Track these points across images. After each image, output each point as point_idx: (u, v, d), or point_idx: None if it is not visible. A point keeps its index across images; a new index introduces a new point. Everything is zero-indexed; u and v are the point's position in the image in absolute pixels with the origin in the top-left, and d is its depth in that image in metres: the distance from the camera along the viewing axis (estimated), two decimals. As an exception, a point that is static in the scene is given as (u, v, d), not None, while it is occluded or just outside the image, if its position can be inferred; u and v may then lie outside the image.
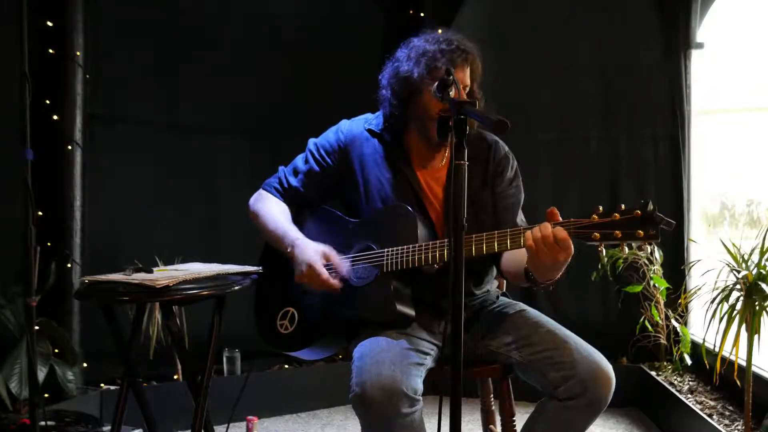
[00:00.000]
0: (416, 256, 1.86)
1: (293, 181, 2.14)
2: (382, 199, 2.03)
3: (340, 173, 2.10)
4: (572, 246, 1.65)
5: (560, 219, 1.68)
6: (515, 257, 1.89)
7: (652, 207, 1.60)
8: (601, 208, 1.65)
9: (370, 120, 2.12)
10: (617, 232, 1.62)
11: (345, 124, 2.15)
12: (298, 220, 2.11)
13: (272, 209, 2.10)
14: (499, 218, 2.03)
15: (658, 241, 1.63)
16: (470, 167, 2.00)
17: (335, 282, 1.91)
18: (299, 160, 2.15)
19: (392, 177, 2.04)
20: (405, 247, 1.88)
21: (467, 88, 1.96)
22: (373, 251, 1.94)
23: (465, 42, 1.97)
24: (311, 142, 2.15)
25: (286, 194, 2.14)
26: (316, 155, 2.12)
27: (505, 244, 1.75)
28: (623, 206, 1.63)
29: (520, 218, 2.07)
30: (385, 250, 1.91)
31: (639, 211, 1.60)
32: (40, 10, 3.11)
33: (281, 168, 2.19)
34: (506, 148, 2.11)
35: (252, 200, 2.17)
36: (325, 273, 1.90)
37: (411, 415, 1.72)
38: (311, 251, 1.93)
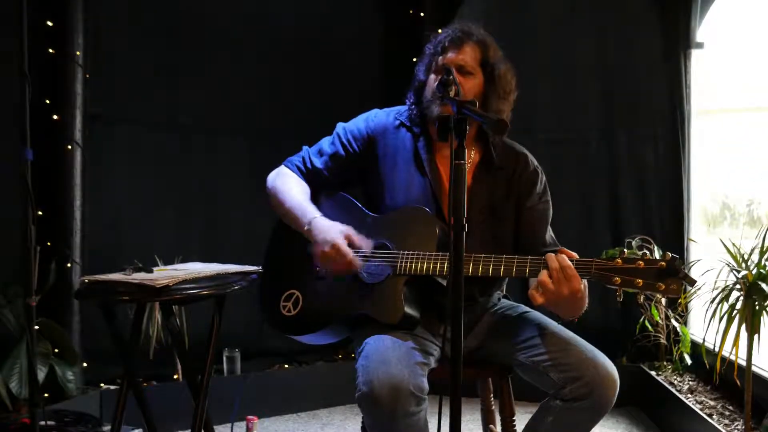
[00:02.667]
0: (431, 265, 1.84)
1: (317, 162, 2.09)
2: (405, 197, 1.99)
3: (365, 161, 2.06)
4: (579, 279, 1.67)
5: (578, 258, 1.69)
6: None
7: (678, 262, 1.58)
8: (626, 251, 1.64)
9: (402, 112, 2.09)
10: (638, 280, 1.61)
11: (376, 113, 2.12)
12: (314, 201, 2.06)
13: (291, 187, 2.05)
14: (529, 233, 2.01)
15: (678, 298, 1.62)
16: (496, 177, 2.00)
17: (360, 262, 1.87)
18: (325, 142, 2.11)
19: (417, 174, 2.01)
20: (421, 252, 1.85)
21: (466, 67, 1.96)
22: (388, 250, 1.91)
23: (464, 26, 2.00)
24: (339, 126, 2.12)
25: (307, 174, 2.10)
26: (344, 139, 2.08)
27: (523, 271, 1.75)
28: (648, 254, 1.63)
29: (550, 234, 2.04)
30: (401, 252, 1.88)
31: (664, 263, 1.59)
32: (40, 10, 3.11)
33: (305, 148, 2.14)
34: (535, 162, 2.07)
35: (271, 176, 2.11)
36: (350, 254, 1.85)
37: (417, 414, 1.71)
38: (335, 231, 1.88)
